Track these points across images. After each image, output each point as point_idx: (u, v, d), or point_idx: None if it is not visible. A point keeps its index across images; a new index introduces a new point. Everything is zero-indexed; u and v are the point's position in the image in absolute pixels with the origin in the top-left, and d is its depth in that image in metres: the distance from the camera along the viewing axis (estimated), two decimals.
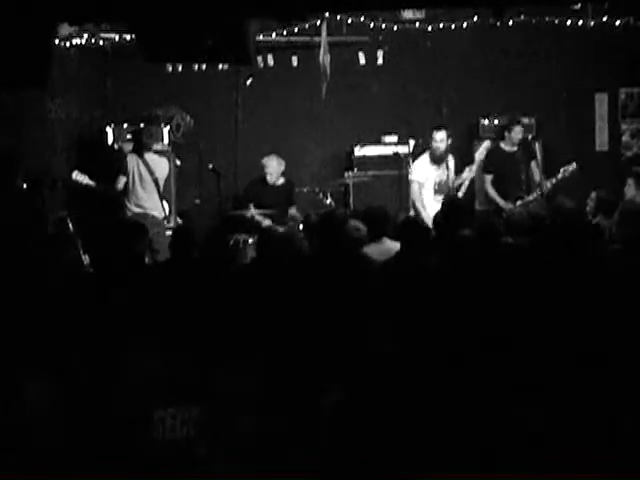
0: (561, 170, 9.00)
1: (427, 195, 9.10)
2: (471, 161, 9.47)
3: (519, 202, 9.02)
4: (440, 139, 9.05)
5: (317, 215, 7.37)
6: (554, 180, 9.01)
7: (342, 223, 6.64)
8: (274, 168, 9.51)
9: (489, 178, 9.28)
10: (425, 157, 9.21)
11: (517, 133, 9.24)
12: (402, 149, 9.95)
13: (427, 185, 9.12)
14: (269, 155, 9.58)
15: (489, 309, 4.96)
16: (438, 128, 9.11)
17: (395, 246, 6.65)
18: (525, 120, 9.73)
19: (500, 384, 4.03)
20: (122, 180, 8.69)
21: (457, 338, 4.48)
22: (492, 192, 9.22)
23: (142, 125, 9.56)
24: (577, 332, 4.52)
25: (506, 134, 9.27)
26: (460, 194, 9.04)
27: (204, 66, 9.76)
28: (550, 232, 6.52)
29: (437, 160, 9.09)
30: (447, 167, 9.14)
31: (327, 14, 9.28)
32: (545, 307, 4.89)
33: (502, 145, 9.35)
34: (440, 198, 8.72)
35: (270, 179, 9.52)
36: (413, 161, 9.74)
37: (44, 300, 5.30)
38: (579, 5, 9.54)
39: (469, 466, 3.55)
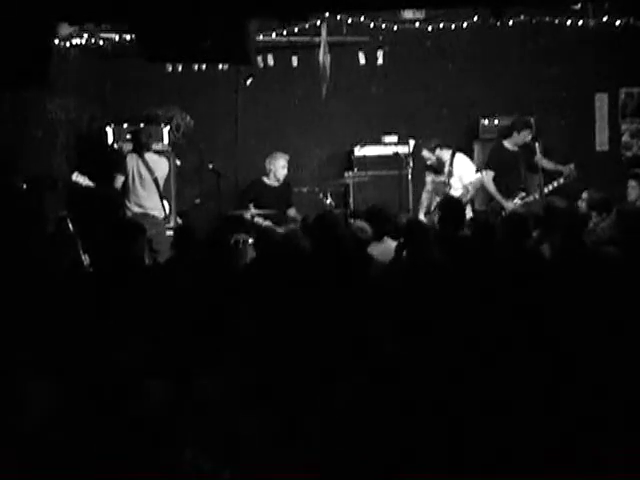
0: (563, 174, 9.01)
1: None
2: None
3: (519, 201, 9.03)
4: (427, 157, 9.32)
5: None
6: (555, 183, 9.01)
7: (337, 223, 6.66)
8: (282, 166, 9.51)
9: (490, 174, 9.28)
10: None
11: (525, 136, 9.24)
12: (402, 149, 9.95)
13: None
14: (274, 154, 9.55)
15: (490, 309, 4.97)
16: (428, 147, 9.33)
17: None
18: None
19: (502, 384, 4.03)
20: (120, 179, 8.68)
21: (460, 339, 4.48)
22: (492, 189, 9.22)
23: (142, 125, 9.56)
24: (578, 333, 4.52)
25: (515, 134, 9.25)
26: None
27: (204, 66, 9.76)
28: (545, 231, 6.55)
29: (436, 170, 9.20)
30: (450, 174, 9.22)
31: (327, 14, 9.29)
32: (547, 308, 4.89)
33: (505, 144, 9.35)
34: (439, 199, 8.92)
35: (280, 178, 9.51)
36: (413, 161, 9.77)
37: (44, 300, 5.30)
38: (579, 5, 9.54)
39: (470, 467, 3.55)
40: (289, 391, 3.99)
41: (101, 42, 9.85)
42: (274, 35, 9.96)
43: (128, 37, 9.42)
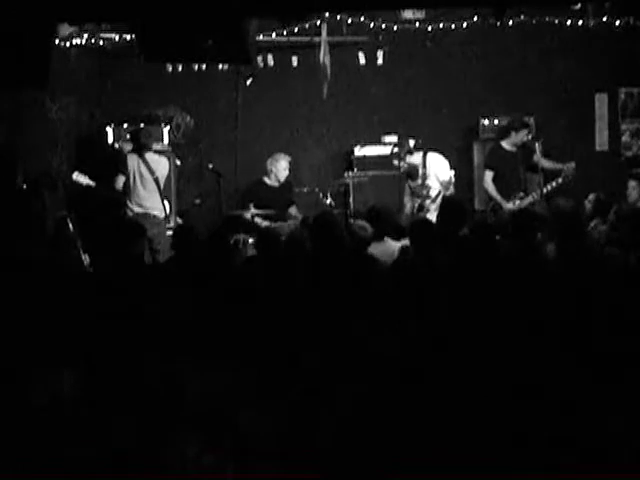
0: (562, 174, 9.00)
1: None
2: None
3: (518, 202, 9.02)
4: (399, 166, 9.23)
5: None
6: (554, 183, 9.00)
7: (337, 223, 6.65)
8: (284, 167, 9.51)
9: (490, 175, 9.28)
10: None
11: (522, 136, 9.23)
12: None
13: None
14: (276, 155, 9.55)
15: (492, 309, 4.96)
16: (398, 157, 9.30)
17: (398, 246, 6.65)
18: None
19: (504, 385, 4.03)
20: (121, 179, 8.68)
21: (461, 339, 4.48)
22: (492, 189, 9.22)
23: (142, 125, 9.56)
24: (580, 334, 4.52)
25: (512, 133, 9.24)
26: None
27: (204, 66, 9.76)
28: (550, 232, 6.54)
29: (410, 176, 9.18)
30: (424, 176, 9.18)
31: (327, 14, 9.29)
32: (549, 309, 4.89)
33: (503, 144, 9.34)
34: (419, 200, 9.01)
35: (281, 179, 9.51)
36: None
37: (43, 301, 5.30)
38: (579, 5, 9.54)
39: (471, 468, 3.55)
40: (290, 390, 4.00)
41: (101, 42, 9.85)
42: (274, 35, 9.96)
43: (128, 37, 9.42)
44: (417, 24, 10.22)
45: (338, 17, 9.79)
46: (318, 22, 9.47)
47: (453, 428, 3.73)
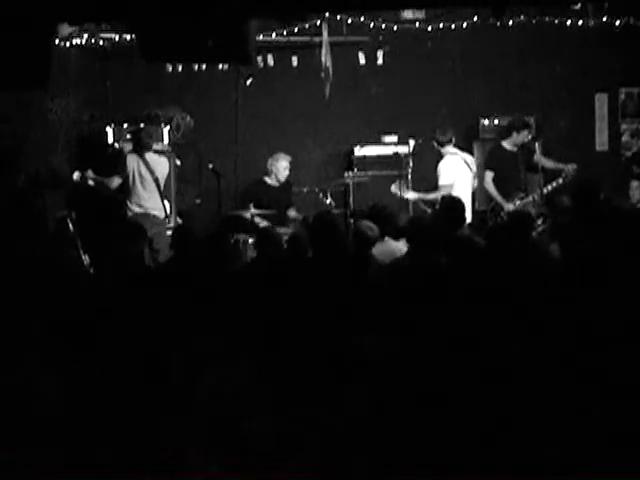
0: (563, 174, 9.00)
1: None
2: None
3: (518, 202, 9.02)
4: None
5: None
6: (554, 184, 9.00)
7: (336, 223, 6.65)
8: (284, 167, 9.51)
9: (490, 175, 9.28)
10: None
11: (524, 136, 9.24)
12: (402, 149, 9.94)
13: None
14: (277, 155, 9.55)
15: (492, 309, 4.96)
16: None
17: (398, 246, 6.65)
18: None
19: (505, 385, 4.03)
20: (116, 181, 8.69)
21: (461, 340, 4.48)
22: (492, 190, 9.22)
23: (142, 125, 9.56)
24: (586, 338, 4.51)
25: (514, 134, 9.25)
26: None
27: (204, 66, 9.76)
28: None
29: None
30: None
31: (327, 14, 9.29)
32: (552, 312, 4.88)
33: (504, 144, 9.34)
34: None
35: (281, 179, 9.51)
36: (413, 161, 9.75)
37: (42, 301, 5.30)
38: (579, 5, 9.55)
39: (471, 468, 3.55)
40: (291, 392, 4.00)
41: (101, 42, 9.86)
42: (274, 35, 9.96)
43: (128, 37, 9.43)
44: (417, 24, 10.22)
45: (338, 17, 9.80)
46: (318, 22, 9.48)
47: (453, 428, 3.73)
